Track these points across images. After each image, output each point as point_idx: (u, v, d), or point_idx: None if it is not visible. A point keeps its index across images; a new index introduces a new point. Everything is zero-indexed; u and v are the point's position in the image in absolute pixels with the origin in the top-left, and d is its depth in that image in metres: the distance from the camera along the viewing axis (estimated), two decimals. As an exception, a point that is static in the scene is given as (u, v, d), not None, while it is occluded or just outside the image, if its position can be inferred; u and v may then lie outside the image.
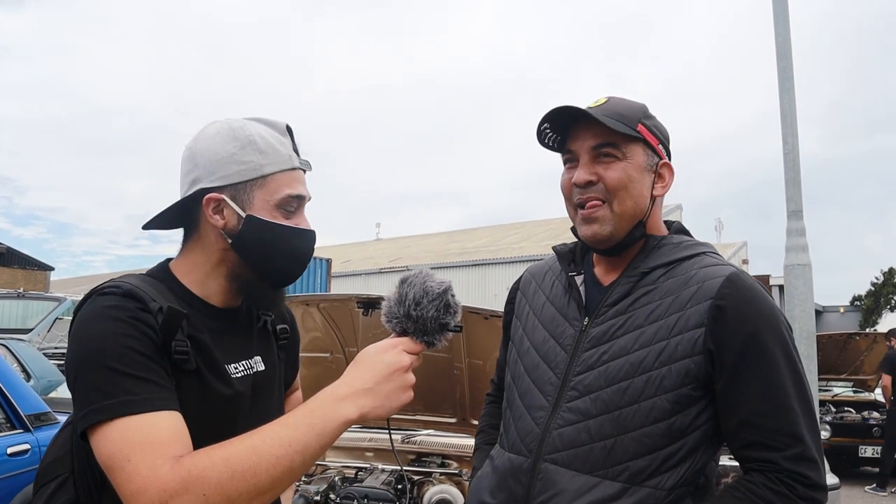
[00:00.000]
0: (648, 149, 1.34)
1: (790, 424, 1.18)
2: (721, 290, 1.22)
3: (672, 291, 1.27)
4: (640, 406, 1.22)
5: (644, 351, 1.24)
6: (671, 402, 1.21)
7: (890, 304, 38.28)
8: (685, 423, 1.22)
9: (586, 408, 1.26)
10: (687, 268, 1.29)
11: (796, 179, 5.79)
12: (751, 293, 1.23)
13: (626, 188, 1.30)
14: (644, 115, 1.35)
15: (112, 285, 1.15)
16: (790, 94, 5.72)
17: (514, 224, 35.57)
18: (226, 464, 0.99)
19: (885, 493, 7.94)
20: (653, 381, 1.22)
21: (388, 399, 1.11)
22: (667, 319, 1.25)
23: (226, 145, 1.23)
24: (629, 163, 1.31)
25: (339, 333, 3.45)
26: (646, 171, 1.33)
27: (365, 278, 30.87)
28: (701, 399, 1.23)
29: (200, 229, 1.27)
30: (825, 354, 9.17)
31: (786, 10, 5.78)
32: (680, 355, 1.22)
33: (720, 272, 1.26)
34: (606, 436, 1.23)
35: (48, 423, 4.03)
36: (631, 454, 1.22)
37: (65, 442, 1.23)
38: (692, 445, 1.22)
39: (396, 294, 1.18)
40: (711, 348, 1.21)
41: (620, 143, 1.31)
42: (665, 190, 1.37)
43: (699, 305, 1.23)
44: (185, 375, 1.15)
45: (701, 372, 1.21)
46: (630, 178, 1.31)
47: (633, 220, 1.33)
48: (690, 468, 1.22)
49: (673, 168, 1.38)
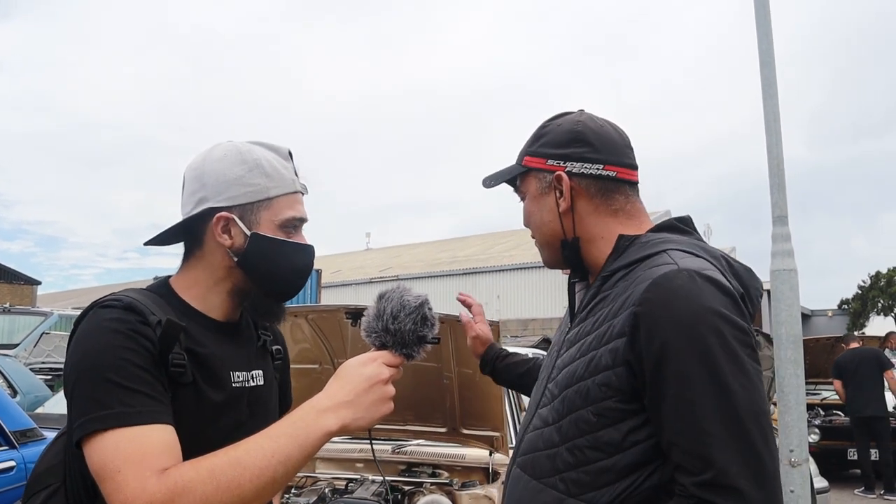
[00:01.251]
0: (539, 173, 1.35)
1: (700, 447, 1.03)
2: (644, 294, 1.11)
3: (616, 297, 1.19)
4: (572, 417, 1.19)
5: (580, 360, 1.21)
6: (595, 414, 1.15)
7: (877, 308, 38.60)
8: (615, 438, 1.13)
9: (547, 415, 1.26)
10: (641, 269, 1.19)
11: (781, 185, 5.83)
12: (673, 296, 1.09)
13: (530, 223, 1.40)
14: (531, 141, 1.38)
15: (113, 298, 1.19)
16: (774, 102, 5.77)
17: (505, 232, 35.60)
18: (211, 475, 1.03)
19: (874, 496, 8.00)
20: (581, 391, 1.18)
21: (368, 411, 1.14)
22: (601, 328, 1.18)
23: (234, 168, 1.28)
24: (528, 198, 1.39)
25: (328, 344, 3.44)
26: (542, 195, 1.35)
27: (355, 288, 30.82)
28: (634, 414, 1.12)
29: (204, 247, 1.31)
30: (813, 358, 9.22)
31: (768, 19, 5.84)
32: (602, 366, 1.15)
33: (655, 273, 1.13)
34: (553, 444, 1.22)
35: (34, 440, 3.99)
36: (566, 465, 1.19)
37: (58, 452, 1.25)
38: (630, 462, 1.12)
39: (375, 309, 1.22)
40: (630, 360, 1.11)
41: (520, 185, 1.40)
42: (567, 201, 1.30)
43: (625, 312, 1.13)
44: (181, 388, 1.17)
45: (623, 384, 1.12)
46: (528, 212, 1.39)
47: (553, 245, 1.36)
48: (633, 487, 1.12)
49: (565, 174, 1.30)
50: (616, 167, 1.31)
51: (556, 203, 1.32)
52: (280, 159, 1.34)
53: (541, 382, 1.37)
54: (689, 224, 1.33)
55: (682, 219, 1.34)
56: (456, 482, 3.22)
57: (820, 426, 8.76)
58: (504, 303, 25.60)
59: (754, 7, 5.90)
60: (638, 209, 1.35)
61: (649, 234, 1.29)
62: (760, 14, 5.87)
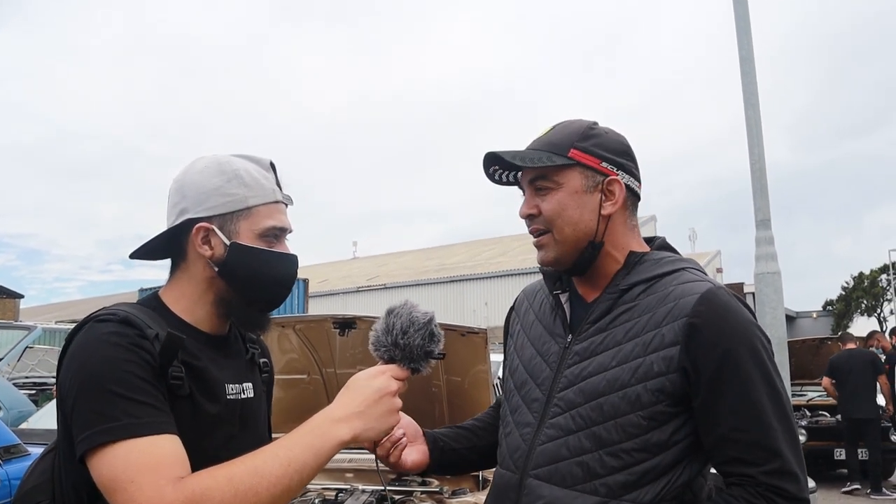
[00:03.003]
0: (587, 170, 1.35)
1: (767, 440, 1.19)
2: (696, 307, 1.23)
3: (650, 308, 1.28)
4: (617, 422, 1.24)
5: (621, 368, 1.25)
6: (646, 418, 1.23)
7: (860, 308, 39.01)
8: (662, 439, 1.23)
9: (567, 424, 1.28)
10: (665, 284, 1.30)
11: (764, 189, 5.90)
12: (725, 310, 1.24)
13: (561, 216, 1.34)
14: (581, 137, 1.36)
15: (108, 313, 1.19)
16: (755, 107, 5.85)
17: (492, 239, 35.73)
18: (229, 483, 1.04)
19: (862, 495, 8.08)
20: (628, 397, 1.23)
21: (378, 421, 1.20)
22: (643, 336, 1.26)
23: (213, 178, 1.30)
24: (564, 191, 1.34)
25: (315, 355, 3.43)
26: (585, 193, 1.34)
27: (342, 297, 30.77)
28: (678, 415, 1.24)
29: (188, 258, 1.32)
30: (799, 359, 9.30)
31: (748, 26, 5.92)
32: (655, 373, 1.23)
33: (696, 289, 1.26)
34: (585, 451, 1.25)
35: (18, 456, 3.94)
36: (608, 469, 1.23)
37: (45, 469, 1.24)
38: (671, 460, 1.23)
39: (383, 324, 1.27)
40: (686, 366, 1.22)
41: (550, 174, 1.35)
42: (616, 207, 1.35)
43: (675, 323, 1.23)
44: (178, 400, 1.18)
45: (676, 389, 1.22)
46: (564, 206, 1.34)
47: (577, 244, 1.35)
48: (671, 482, 1.23)
49: (625, 183, 1.36)
50: (640, 187, 1.41)
51: (599, 205, 1.34)
52: (261, 170, 1.35)
53: (535, 395, 1.36)
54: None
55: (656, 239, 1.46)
56: (446, 490, 3.22)
57: (806, 427, 8.80)
58: (492, 310, 25.63)
59: (734, 11, 5.98)
60: (638, 228, 1.43)
61: (655, 252, 1.40)
62: (740, 18, 5.95)
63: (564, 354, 1.35)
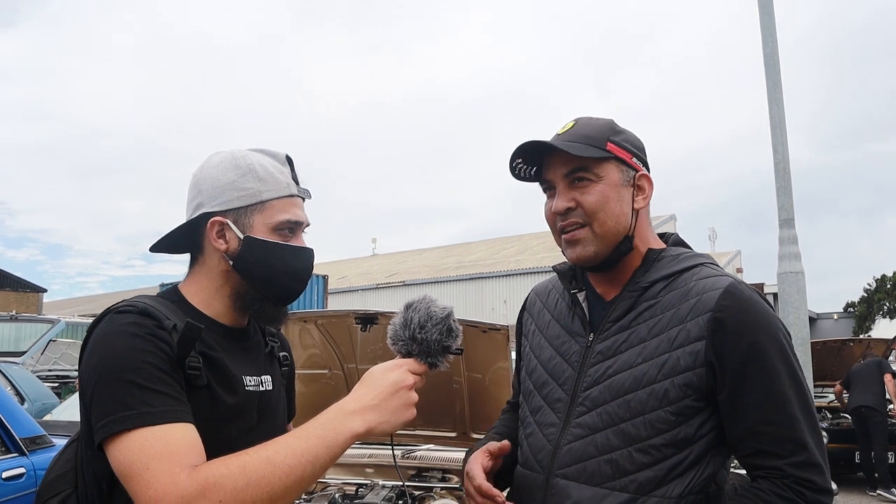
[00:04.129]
0: (622, 164, 1.35)
1: (793, 432, 1.20)
2: (720, 301, 1.24)
3: (672, 304, 1.29)
4: (645, 418, 1.24)
5: (647, 364, 1.26)
6: (674, 413, 1.23)
7: (882, 311, 38.45)
8: (689, 433, 1.24)
9: (593, 422, 1.29)
10: (686, 280, 1.31)
11: (787, 188, 5.83)
12: (749, 304, 1.25)
13: (604, 209, 1.32)
14: (612, 131, 1.36)
15: (128, 304, 1.21)
16: (779, 105, 5.78)
17: (511, 237, 35.66)
18: (242, 472, 1.05)
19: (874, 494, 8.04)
20: (656, 393, 1.24)
21: (394, 415, 1.19)
22: (668, 333, 1.26)
23: (227, 173, 1.31)
24: (604, 183, 1.33)
25: (337, 350, 3.45)
26: (622, 186, 1.34)
27: (362, 294, 30.85)
28: (703, 410, 1.25)
29: (204, 252, 1.33)
30: (820, 361, 9.20)
31: (772, 23, 5.85)
32: (682, 368, 1.23)
33: (718, 283, 1.27)
34: (613, 448, 1.26)
35: (43, 447, 4.00)
36: (637, 465, 1.23)
37: (69, 458, 1.27)
38: (698, 454, 1.24)
39: (402, 318, 1.27)
40: (712, 360, 1.22)
41: (591, 166, 1.33)
42: (646, 201, 1.37)
43: (699, 318, 1.24)
44: (195, 391, 1.19)
45: (702, 383, 1.23)
46: (607, 198, 1.32)
47: (616, 238, 1.34)
48: (697, 476, 1.24)
49: (651, 178, 1.39)
50: None
51: (632, 199, 1.36)
52: (276, 164, 1.35)
53: (558, 395, 1.36)
54: None
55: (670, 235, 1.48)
56: (465, 487, 3.22)
57: (828, 429, 8.71)
58: (511, 307, 25.58)
59: (758, 8, 5.91)
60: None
61: (672, 248, 1.41)
62: (765, 18, 5.88)
63: (587, 353, 1.34)
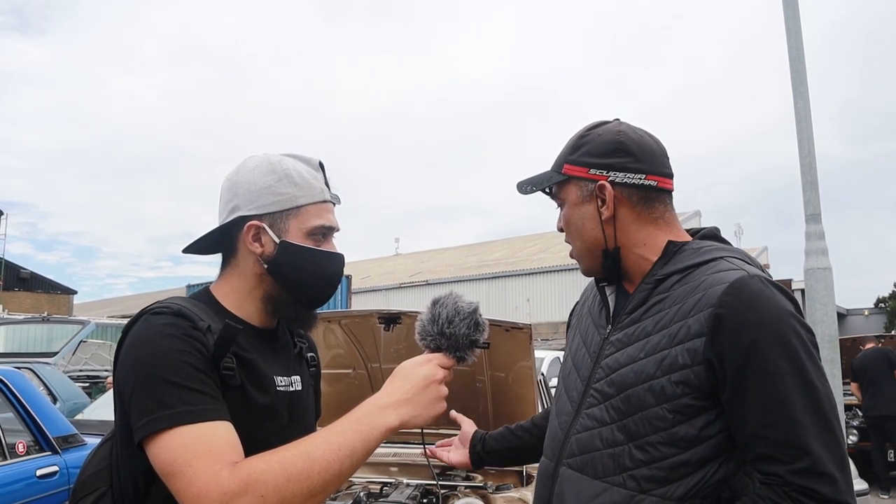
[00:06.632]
0: (580, 181, 1.37)
1: (795, 437, 1.11)
2: (722, 297, 1.18)
3: (680, 299, 1.25)
4: (643, 415, 1.22)
5: (647, 360, 1.24)
6: (671, 411, 1.20)
7: (915, 306, 37.62)
8: (691, 433, 1.19)
9: (601, 415, 1.29)
10: (700, 273, 1.26)
11: (814, 183, 5.75)
12: (753, 299, 1.17)
13: (570, 230, 1.41)
14: (571, 150, 1.39)
15: (162, 306, 1.24)
16: (804, 98, 5.70)
17: (533, 235, 35.48)
18: (282, 467, 1.07)
19: (887, 496, 7.85)
20: (653, 389, 1.22)
21: (425, 409, 1.22)
22: (671, 328, 1.23)
23: (264, 177, 1.33)
24: (567, 206, 1.40)
25: (361, 349, 3.47)
26: (583, 203, 1.37)
27: (385, 294, 30.94)
28: (708, 409, 1.19)
29: (238, 255, 1.35)
30: (850, 358, 9.04)
31: (797, 15, 5.77)
32: (680, 365, 1.20)
33: (727, 278, 1.20)
34: (616, 443, 1.25)
35: (76, 445, 4.09)
36: (636, 462, 1.22)
37: (104, 457, 1.29)
38: (704, 455, 1.19)
39: (429, 314, 1.30)
40: (712, 359, 1.17)
41: (557, 191, 1.42)
42: (609, 210, 1.34)
43: (701, 314, 1.19)
44: (229, 391, 1.21)
45: (702, 382, 1.18)
46: (569, 219, 1.40)
47: (592, 253, 1.38)
48: (706, 479, 1.19)
49: (608, 183, 1.33)
50: (657, 177, 1.36)
51: (597, 211, 1.36)
52: (310, 170, 1.38)
53: (576, 384, 1.38)
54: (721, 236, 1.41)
55: (716, 230, 1.42)
56: (490, 485, 3.23)
57: (858, 427, 8.56)
58: (534, 306, 25.53)
59: (783, 3, 5.82)
60: (674, 217, 1.40)
61: (697, 241, 1.36)
62: (789, 11, 5.80)
63: (603, 345, 1.35)
